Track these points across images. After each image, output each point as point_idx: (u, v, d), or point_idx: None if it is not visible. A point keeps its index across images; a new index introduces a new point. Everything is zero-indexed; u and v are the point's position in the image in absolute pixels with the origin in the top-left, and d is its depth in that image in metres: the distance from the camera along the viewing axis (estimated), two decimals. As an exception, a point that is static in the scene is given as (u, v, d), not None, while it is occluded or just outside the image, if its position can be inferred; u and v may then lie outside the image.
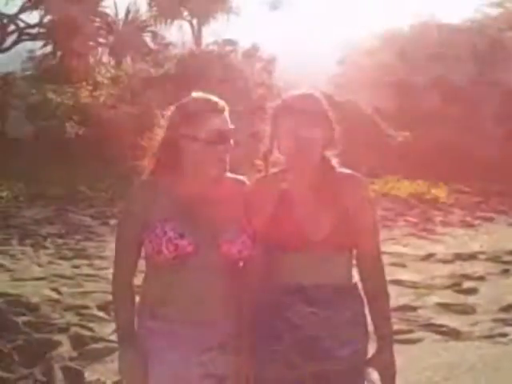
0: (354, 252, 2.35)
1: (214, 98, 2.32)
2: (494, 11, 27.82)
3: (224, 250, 2.26)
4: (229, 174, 2.38)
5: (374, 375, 2.41)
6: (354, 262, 2.38)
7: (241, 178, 2.44)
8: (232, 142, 2.31)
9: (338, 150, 2.36)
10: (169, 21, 25.66)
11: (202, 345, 2.28)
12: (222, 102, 2.31)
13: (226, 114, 2.32)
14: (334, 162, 2.36)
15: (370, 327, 2.38)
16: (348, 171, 2.37)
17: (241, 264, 2.34)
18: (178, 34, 26.09)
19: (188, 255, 2.24)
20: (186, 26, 26.03)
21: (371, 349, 2.39)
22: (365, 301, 2.39)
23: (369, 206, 2.36)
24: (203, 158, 2.28)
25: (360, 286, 2.39)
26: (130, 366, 2.30)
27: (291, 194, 2.32)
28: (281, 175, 2.36)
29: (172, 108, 2.34)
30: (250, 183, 2.44)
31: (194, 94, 2.35)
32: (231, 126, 2.32)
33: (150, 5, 25.08)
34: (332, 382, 2.29)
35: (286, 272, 2.30)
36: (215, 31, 26.46)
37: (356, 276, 2.39)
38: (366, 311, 2.39)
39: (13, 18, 19.63)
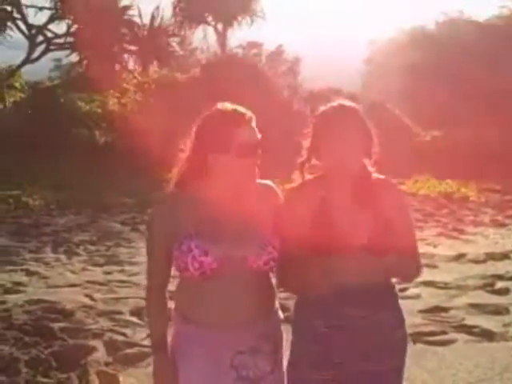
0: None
1: (241, 110, 2.29)
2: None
3: (250, 263, 2.28)
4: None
5: None
6: None
7: (268, 182, 2.44)
8: (260, 152, 2.31)
9: (374, 159, 2.41)
10: (194, 26, 25.83)
11: (234, 348, 2.32)
12: (248, 113, 2.28)
13: (253, 124, 2.29)
14: (370, 168, 2.41)
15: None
16: (382, 177, 2.43)
17: (270, 271, 2.35)
18: (202, 38, 26.29)
19: (214, 271, 2.25)
20: (211, 30, 26.18)
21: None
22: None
23: (406, 210, 2.45)
24: (232, 172, 2.27)
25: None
26: (163, 375, 2.38)
27: (331, 201, 2.36)
28: (318, 182, 2.40)
29: (199, 120, 2.32)
30: (284, 190, 2.45)
31: (220, 106, 2.31)
32: (259, 137, 2.30)
33: (174, 11, 25.29)
34: (370, 381, 2.33)
35: (327, 275, 2.31)
36: (240, 34, 26.58)
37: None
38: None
39: (41, 29, 19.94)
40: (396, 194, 2.43)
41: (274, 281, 2.42)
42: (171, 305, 2.43)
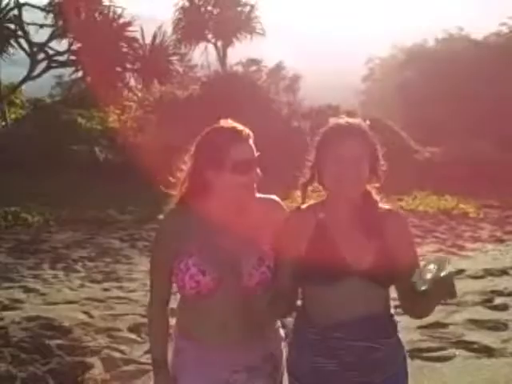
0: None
1: (239, 127, 2.30)
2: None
3: (244, 283, 2.28)
4: (259, 195, 2.36)
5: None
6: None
7: (272, 197, 2.42)
8: (258, 170, 2.30)
9: (380, 183, 2.30)
10: (194, 43, 26.01)
11: (230, 368, 2.32)
12: (246, 130, 2.30)
13: (251, 141, 2.30)
14: (376, 195, 2.30)
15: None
16: (386, 206, 2.32)
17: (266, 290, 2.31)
18: (202, 56, 26.45)
19: (210, 290, 2.27)
20: (211, 47, 26.35)
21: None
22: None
23: (412, 242, 2.33)
24: (229, 188, 2.28)
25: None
26: None
27: (330, 225, 2.24)
28: (317, 206, 2.30)
29: (198, 138, 2.34)
30: (287, 210, 2.39)
31: (219, 123, 2.33)
32: (256, 154, 2.30)
33: (175, 28, 25.47)
34: None
35: (328, 305, 2.22)
36: (240, 51, 26.76)
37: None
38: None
39: (42, 46, 20.07)
40: (402, 226, 2.30)
41: None
42: (173, 321, 2.45)
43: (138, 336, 5.57)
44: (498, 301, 6.80)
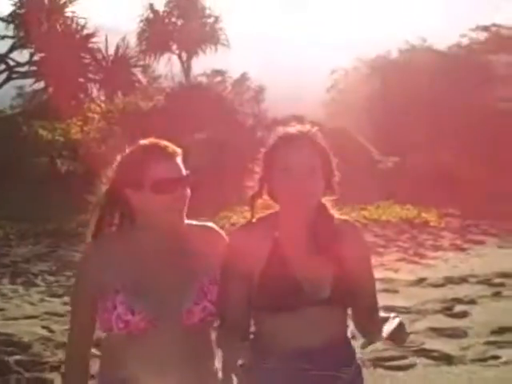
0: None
1: (163, 143, 2.10)
2: (481, 35, 28.26)
3: (185, 321, 2.05)
4: (193, 222, 2.16)
5: None
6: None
7: (208, 224, 2.21)
8: (188, 190, 2.08)
9: (336, 196, 2.13)
10: (158, 54, 25.98)
11: None
12: (172, 148, 2.09)
13: (178, 159, 2.09)
14: (331, 209, 2.12)
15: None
16: (343, 218, 2.16)
17: (208, 328, 2.12)
18: (167, 67, 26.44)
19: (142, 330, 2.02)
20: (175, 58, 26.35)
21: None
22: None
23: (368, 259, 2.20)
24: (151, 209, 2.05)
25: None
26: None
27: (284, 244, 2.07)
28: (271, 220, 2.11)
29: (118, 156, 2.15)
30: (234, 230, 2.19)
31: (143, 141, 2.14)
32: (183, 173, 2.08)
33: (139, 39, 25.42)
34: None
35: (285, 334, 2.06)
36: (205, 62, 26.79)
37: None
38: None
39: (3, 58, 19.80)
40: (359, 241, 2.16)
41: (213, 337, 2.16)
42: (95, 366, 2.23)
43: (99, 351, 5.48)
44: (458, 308, 6.90)
